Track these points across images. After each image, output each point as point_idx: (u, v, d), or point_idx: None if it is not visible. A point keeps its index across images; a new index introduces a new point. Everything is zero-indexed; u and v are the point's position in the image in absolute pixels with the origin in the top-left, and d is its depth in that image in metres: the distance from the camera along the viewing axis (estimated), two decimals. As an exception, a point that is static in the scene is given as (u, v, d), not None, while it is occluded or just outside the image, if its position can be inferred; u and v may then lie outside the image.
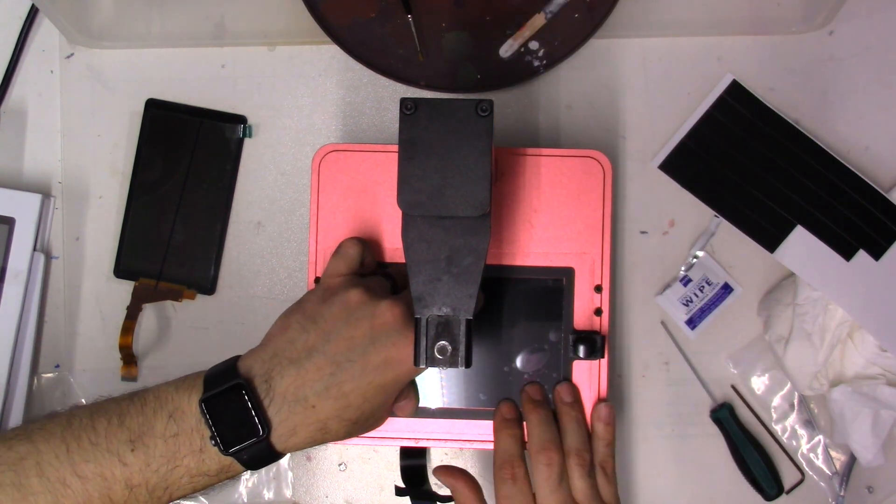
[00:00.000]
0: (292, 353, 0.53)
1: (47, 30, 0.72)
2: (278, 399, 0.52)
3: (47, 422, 0.53)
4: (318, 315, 0.54)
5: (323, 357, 0.53)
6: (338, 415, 0.53)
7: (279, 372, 0.53)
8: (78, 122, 0.72)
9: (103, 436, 0.51)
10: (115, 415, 0.52)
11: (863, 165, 0.70)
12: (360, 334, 0.53)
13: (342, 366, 0.53)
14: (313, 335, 0.53)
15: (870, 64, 0.71)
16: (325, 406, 0.52)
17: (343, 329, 0.53)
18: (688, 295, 0.69)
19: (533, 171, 0.63)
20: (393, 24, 0.69)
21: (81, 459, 0.50)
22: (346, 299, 0.54)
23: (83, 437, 0.51)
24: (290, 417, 0.52)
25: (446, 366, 0.54)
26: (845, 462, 0.69)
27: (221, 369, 0.53)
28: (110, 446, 0.51)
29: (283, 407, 0.52)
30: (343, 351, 0.53)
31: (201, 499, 0.69)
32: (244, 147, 0.71)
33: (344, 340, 0.53)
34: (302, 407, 0.52)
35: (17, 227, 0.69)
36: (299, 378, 0.52)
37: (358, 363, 0.53)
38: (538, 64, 0.69)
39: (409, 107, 0.54)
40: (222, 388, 0.51)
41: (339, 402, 0.53)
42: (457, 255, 0.54)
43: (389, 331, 0.53)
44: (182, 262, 0.70)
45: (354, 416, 0.54)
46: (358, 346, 0.53)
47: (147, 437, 0.51)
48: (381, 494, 0.70)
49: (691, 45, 0.71)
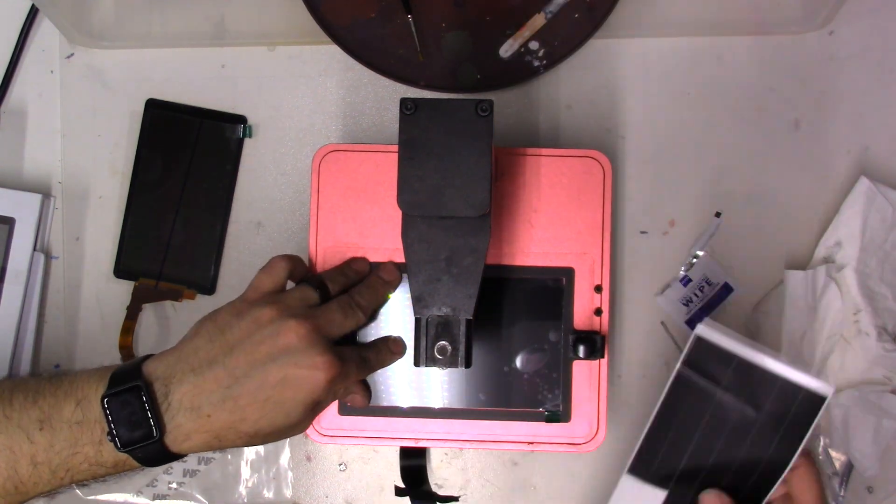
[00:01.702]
0: (194, 361, 0.54)
1: (47, 30, 0.72)
2: (174, 405, 0.53)
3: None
4: (227, 327, 0.55)
5: (222, 369, 0.53)
6: (233, 427, 0.54)
7: (179, 378, 0.53)
8: (78, 122, 0.72)
9: (17, 410, 0.53)
10: (32, 392, 0.54)
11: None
12: (262, 351, 0.53)
13: (240, 380, 0.53)
14: (217, 346, 0.54)
15: (870, 64, 0.71)
16: (219, 417, 0.53)
17: (247, 344, 0.54)
18: (688, 295, 0.69)
19: (533, 171, 0.63)
20: (393, 24, 0.69)
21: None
22: (257, 315, 0.55)
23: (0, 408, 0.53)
24: (185, 424, 0.53)
25: (446, 366, 0.54)
26: (845, 462, 0.69)
27: (129, 368, 0.54)
28: (21, 422, 0.53)
29: (178, 413, 0.53)
30: (242, 366, 0.53)
31: (200, 498, 0.69)
32: (244, 147, 0.71)
33: (245, 355, 0.53)
34: (196, 415, 0.53)
35: (17, 227, 0.69)
36: (196, 387, 0.53)
37: (256, 379, 0.53)
38: (538, 64, 0.69)
39: (409, 107, 0.54)
40: (123, 387, 0.53)
41: (235, 414, 0.53)
42: (457, 256, 0.54)
43: (292, 350, 0.53)
44: (182, 262, 0.70)
45: (251, 430, 0.54)
46: (258, 362, 0.53)
47: (55, 419, 0.53)
48: (381, 494, 0.70)
49: (691, 45, 0.71)
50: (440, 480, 0.69)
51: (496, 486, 0.69)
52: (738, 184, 0.70)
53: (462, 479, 0.69)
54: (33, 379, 0.56)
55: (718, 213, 0.70)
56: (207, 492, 0.69)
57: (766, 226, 0.70)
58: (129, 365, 0.55)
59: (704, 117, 0.71)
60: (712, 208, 0.70)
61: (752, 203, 0.70)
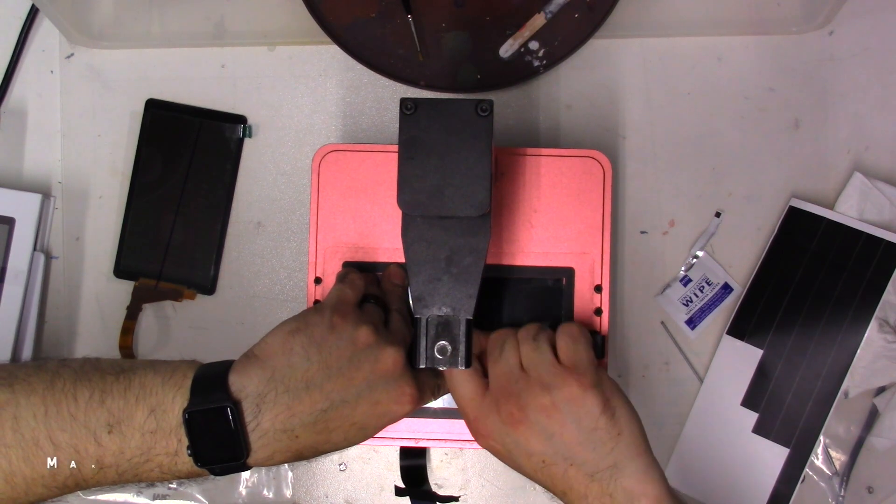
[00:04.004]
0: (290, 380, 0.52)
1: (47, 30, 0.72)
2: (264, 425, 0.52)
3: (32, 373, 0.52)
4: (324, 345, 0.53)
5: (319, 393, 0.52)
6: (314, 446, 0.53)
7: (273, 399, 0.52)
8: (78, 122, 0.72)
9: (83, 409, 0.51)
10: (98, 390, 0.51)
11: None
12: (360, 377, 0.53)
13: (335, 404, 0.53)
14: (315, 367, 0.53)
15: (870, 64, 0.71)
16: (307, 438, 0.53)
17: (346, 369, 0.53)
18: (688, 295, 0.69)
19: (533, 171, 0.63)
20: (393, 24, 0.69)
21: (58, 427, 0.50)
22: (354, 337, 0.54)
23: (62, 405, 0.51)
24: (271, 444, 0.52)
25: (446, 366, 0.54)
26: (845, 462, 0.69)
27: (212, 379, 0.52)
28: (88, 423, 0.50)
29: (266, 434, 0.52)
30: (339, 390, 0.53)
31: (200, 498, 0.69)
32: (244, 147, 0.71)
33: (343, 380, 0.53)
34: (286, 437, 0.52)
35: (17, 227, 0.69)
36: (290, 409, 0.52)
37: (350, 404, 0.53)
38: (538, 64, 0.69)
39: (409, 107, 0.54)
40: (209, 407, 0.50)
41: (321, 436, 0.53)
42: (457, 255, 0.54)
43: (388, 378, 0.53)
44: (182, 262, 0.70)
45: (329, 449, 0.54)
46: (354, 388, 0.53)
47: (125, 424, 0.51)
48: (381, 494, 0.70)
49: (691, 45, 0.71)
50: (440, 480, 0.69)
51: (496, 486, 0.69)
52: (738, 184, 0.70)
53: (462, 479, 0.69)
54: (97, 372, 0.52)
55: (718, 213, 0.70)
56: (207, 492, 0.69)
57: (765, 226, 0.70)
58: (213, 372, 0.53)
59: (704, 117, 0.71)
60: (712, 208, 0.70)
61: (752, 203, 0.70)
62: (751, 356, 0.68)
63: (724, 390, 0.68)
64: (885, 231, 0.67)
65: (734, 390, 0.68)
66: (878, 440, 0.68)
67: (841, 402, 0.68)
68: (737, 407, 0.68)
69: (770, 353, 0.68)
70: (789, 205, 0.69)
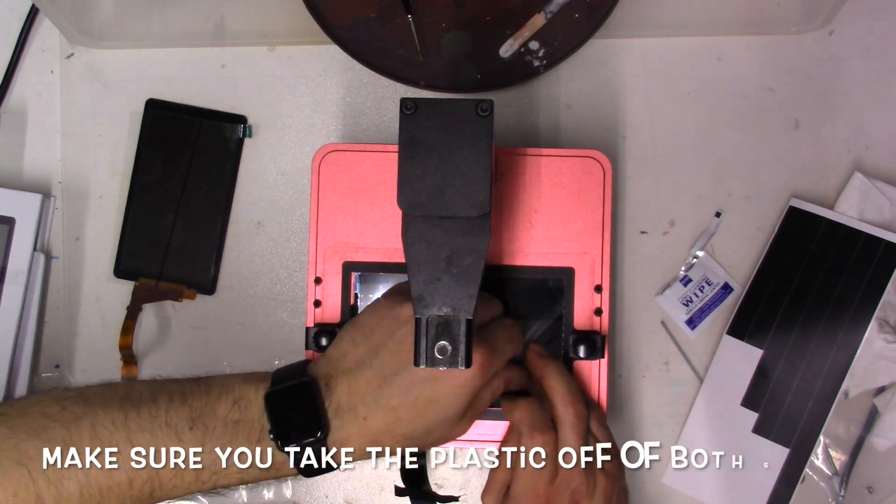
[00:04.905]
0: (345, 364, 0.54)
1: (47, 30, 0.72)
2: (335, 404, 0.53)
3: (105, 388, 0.52)
4: (368, 328, 0.55)
5: (371, 371, 0.53)
6: (389, 429, 0.53)
7: (335, 379, 0.54)
8: (78, 122, 0.72)
9: (164, 409, 0.51)
10: (178, 393, 0.52)
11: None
12: (406, 349, 0.53)
13: (388, 380, 0.53)
14: (362, 348, 0.54)
15: (870, 64, 0.71)
16: (376, 419, 0.53)
17: (391, 343, 0.54)
18: (688, 295, 0.69)
19: (533, 171, 0.63)
20: (393, 24, 0.69)
21: (138, 428, 0.50)
22: (397, 313, 0.55)
23: (143, 409, 0.51)
24: (345, 425, 0.53)
25: (446, 366, 0.54)
26: (845, 462, 0.69)
27: (291, 368, 0.55)
28: (170, 420, 0.51)
29: (339, 412, 0.53)
30: (389, 365, 0.53)
31: (201, 499, 0.69)
32: (244, 147, 0.71)
33: (390, 355, 0.53)
34: (355, 416, 0.53)
35: (17, 227, 0.69)
36: (350, 388, 0.53)
37: (403, 377, 0.53)
38: (538, 64, 0.69)
39: (409, 107, 0.54)
40: (289, 384, 0.53)
41: (389, 416, 0.53)
42: (457, 255, 0.54)
43: None
44: (182, 262, 0.70)
45: (407, 430, 0.54)
46: (404, 360, 0.53)
47: (208, 417, 0.51)
48: (381, 494, 0.70)
49: (691, 45, 0.71)
50: (440, 480, 0.69)
51: (496, 486, 0.69)
52: (738, 184, 0.70)
53: (462, 479, 0.69)
54: (173, 382, 0.54)
55: (718, 213, 0.70)
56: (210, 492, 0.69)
57: (765, 226, 0.70)
58: (290, 366, 0.55)
59: (704, 117, 0.71)
60: (712, 208, 0.70)
61: (752, 203, 0.70)
62: (751, 356, 0.68)
63: (724, 390, 0.68)
64: (885, 231, 0.67)
65: (734, 390, 0.68)
66: (878, 440, 0.68)
67: (841, 402, 0.68)
68: (737, 407, 0.68)
69: (770, 353, 0.68)
70: (789, 205, 0.69)
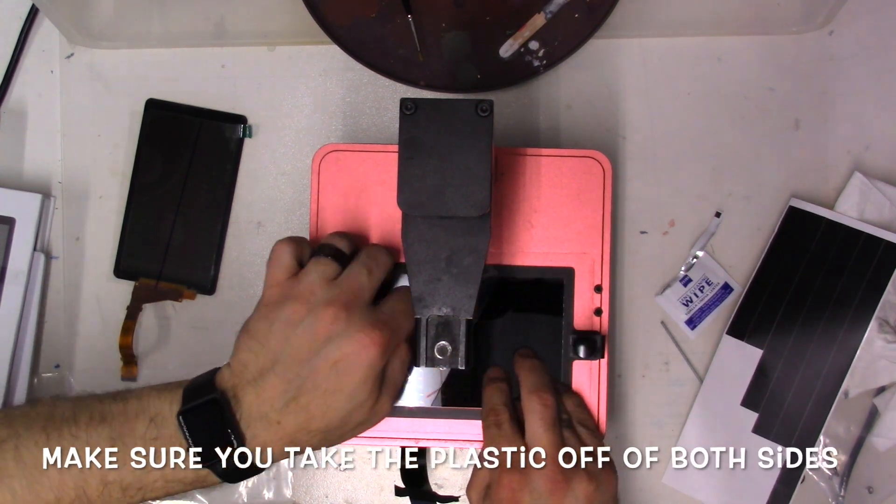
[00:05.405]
0: (248, 375, 0.54)
1: (47, 30, 0.72)
2: (246, 415, 0.53)
3: (29, 409, 0.54)
4: (262, 335, 0.54)
5: (275, 376, 0.53)
6: (304, 427, 0.53)
7: (242, 390, 0.53)
8: (78, 122, 0.72)
9: (84, 429, 0.52)
10: (98, 412, 0.53)
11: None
12: (305, 349, 0.53)
13: (293, 382, 0.53)
14: (261, 357, 0.54)
15: (870, 64, 0.71)
16: (288, 421, 0.53)
17: (287, 347, 0.53)
18: (688, 295, 0.69)
19: (533, 171, 0.63)
20: (393, 24, 0.69)
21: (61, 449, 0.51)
22: (287, 316, 0.54)
23: (64, 430, 0.52)
24: (259, 433, 0.53)
25: (446, 366, 0.54)
26: (845, 462, 0.69)
27: (201, 382, 0.54)
28: (90, 440, 0.51)
29: (251, 423, 0.53)
30: (291, 367, 0.53)
31: (200, 498, 0.69)
32: (244, 147, 0.71)
33: (290, 359, 0.53)
34: (267, 423, 0.53)
35: (17, 227, 0.69)
36: (259, 398, 0.53)
37: (308, 378, 0.53)
38: (538, 64, 0.69)
39: (409, 107, 0.54)
40: (199, 401, 0.52)
41: (301, 415, 0.53)
42: (457, 256, 0.54)
43: (333, 337, 0.53)
44: (182, 262, 0.70)
45: (322, 425, 0.54)
46: (304, 361, 0.53)
47: (127, 436, 0.52)
48: (381, 494, 0.70)
49: (691, 45, 0.71)
50: (440, 480, 0.69)
51: (496, 486, 0.69)
52: (738, 184, 0.70)
53: (462, 479, 0.69)
54: (93, 398, 0.54)
55: (718, 213, 0.70)
56: (207, 492, 0.69)
57: (765, 226, 0.70)
58: (201, 378, 0.55)
59: (704, 117, 0.71)
60: (712, 208, 0.70)
61: (752, 203, 0.70)
62: (751, 356, 0.68)
63: (724, 390, 0.68)
64: (885, 231, 0.67)
65: (734, 390, 0.68)
66: (878, 440, 0.68)
67: (841, 402, 0.68)
68: (737, 407, 0.68)
69: (770, 353, 0.68)
70: (789, 205, 0.69)
